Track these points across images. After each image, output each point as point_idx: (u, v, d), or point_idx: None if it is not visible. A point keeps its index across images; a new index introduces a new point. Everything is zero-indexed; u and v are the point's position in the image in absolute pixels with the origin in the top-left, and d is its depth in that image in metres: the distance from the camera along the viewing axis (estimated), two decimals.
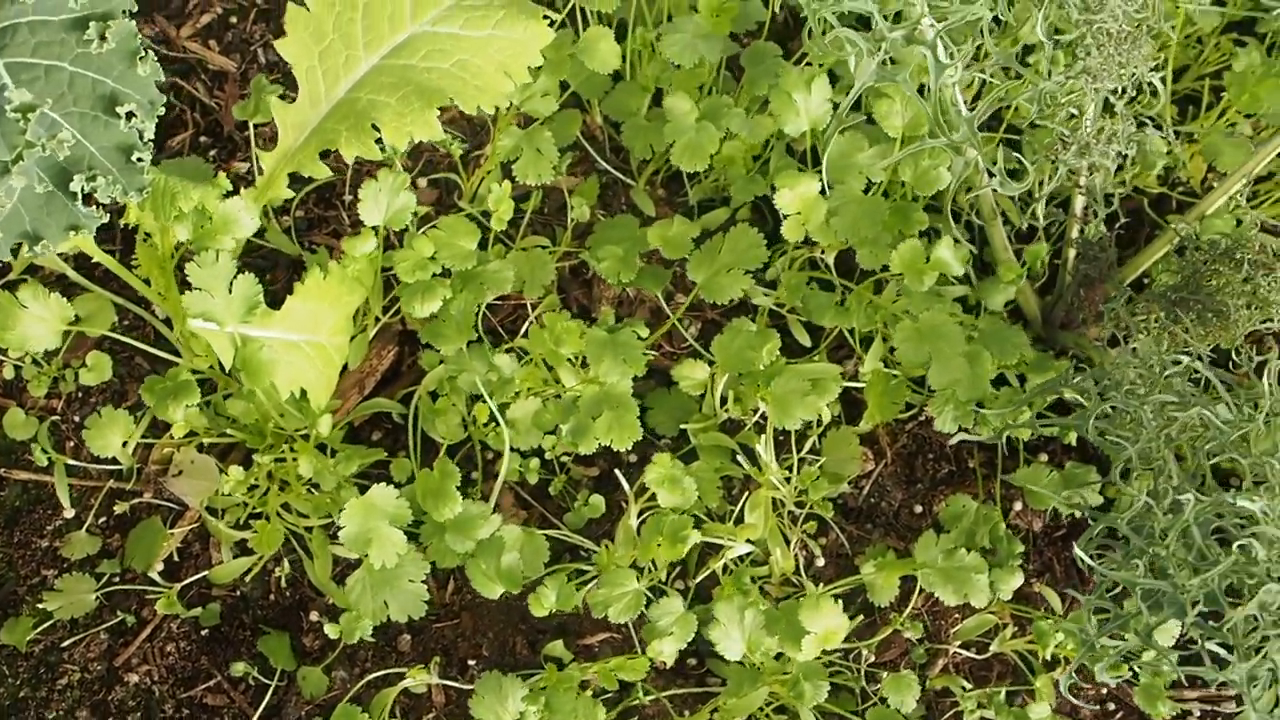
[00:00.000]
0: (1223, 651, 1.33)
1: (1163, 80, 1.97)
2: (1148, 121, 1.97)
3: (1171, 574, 1.33)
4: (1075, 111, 1.74)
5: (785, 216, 1.72)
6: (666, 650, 1.62)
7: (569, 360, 1.74)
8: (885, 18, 1.56)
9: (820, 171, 1.75)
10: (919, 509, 1.88)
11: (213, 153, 2.01)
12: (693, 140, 1.76)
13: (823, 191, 1.75)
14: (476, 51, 1.64)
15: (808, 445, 1.86)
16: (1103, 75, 1.71)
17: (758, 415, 1.78)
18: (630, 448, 1.72)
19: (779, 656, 1.66)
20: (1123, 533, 1.36)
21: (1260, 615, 1.34)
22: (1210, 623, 1.33)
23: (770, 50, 1.88)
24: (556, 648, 1.71)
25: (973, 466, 1.90)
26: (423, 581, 1.68)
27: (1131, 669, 1.70)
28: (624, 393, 1.66)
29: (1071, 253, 1.91)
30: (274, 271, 1.92)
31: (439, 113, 1.56)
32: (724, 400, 1.82)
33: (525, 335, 1.79)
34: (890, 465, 1.89)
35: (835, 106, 1.77)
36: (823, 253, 1.84)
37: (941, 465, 1.90)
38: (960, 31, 1.76)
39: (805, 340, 1.90)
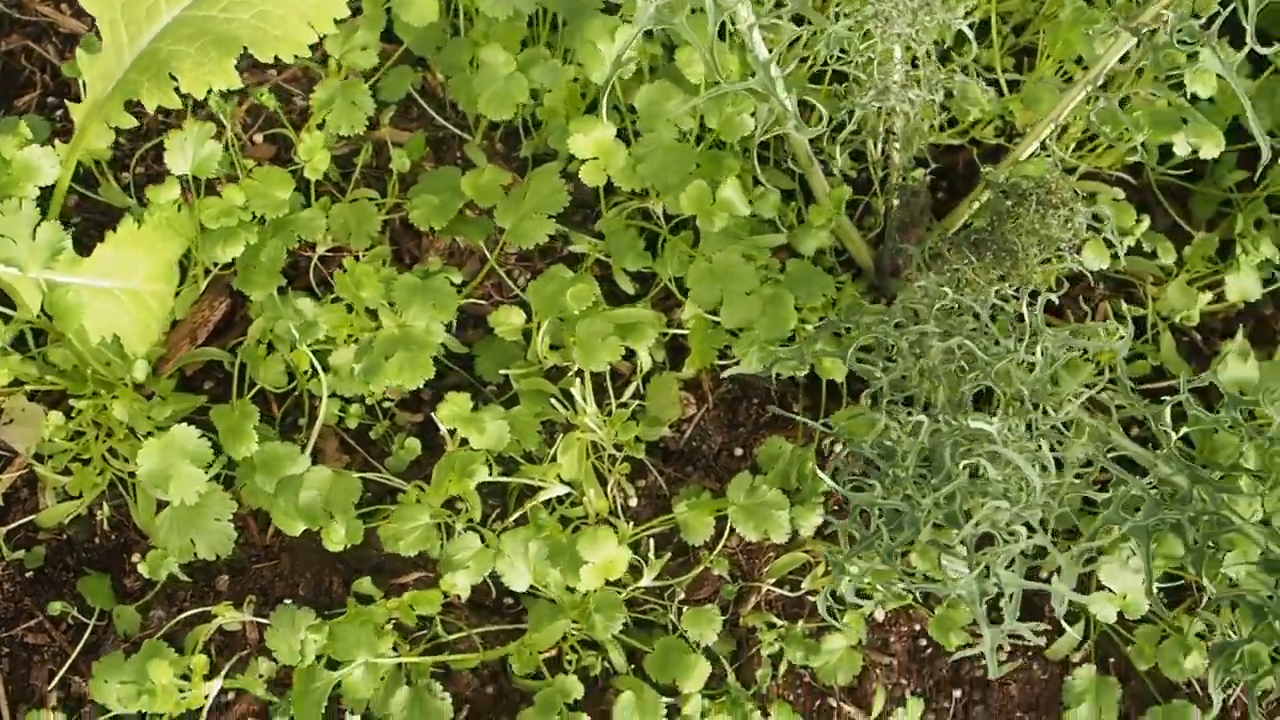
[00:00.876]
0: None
1: (975, 28, 2.00)
2: (969, 69, 2.00)
3: (910, 495, 1.36)
4: (873, 57, 1.77)
5: (583, 161, 1.75)
6: (460, 583, 1.65)
7: (387, 305, 1.78)
8: None
9: (635, 119, 1.79)
10: (739, 451, 1.91)
11: (59, 112, 2.05)
12: (500, 90, 1.79)
13: (625, 139, 1.78)
14: (279, 3, 1.68)
15: (630, 390, 1.89)
16: (896, 20, 1.74)
17: None
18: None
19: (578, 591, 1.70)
20: (867, 456, 1.40)
21: (998, 534, 1.37)
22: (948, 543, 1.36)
23: (592, 2, 1.91)
24: (364, 584, 1.75)
25: (797, 410, 1.93)
26: (234, 521, 1.72)
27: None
28: (420, 334, 1.70)
29: (895, 201, 1.94)
30: (112, 225, 1.96)
31: (275, 66, 1.58)
32: (554, 347, 1.86)
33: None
34: (713, 409, 1.92)
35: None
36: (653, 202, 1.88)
37: (765, 409, 1.93)
38: None
39: (631, 289, 1.93)
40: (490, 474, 1.70)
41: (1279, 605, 1.39)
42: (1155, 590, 1.61)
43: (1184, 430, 1.53)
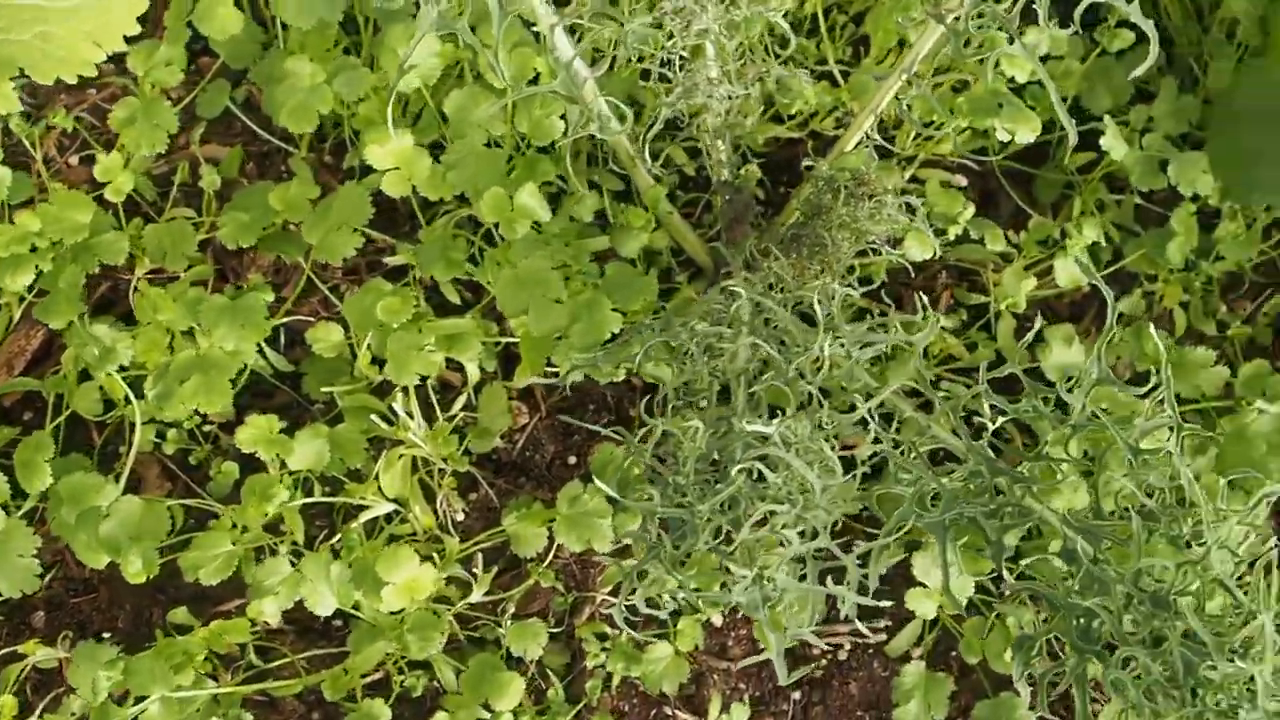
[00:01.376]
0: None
1: (808, 20, 1.98)
2: (798, 60, 1.98)
3: (689, 501, 1.33)
4: (683, 55, 1.74)
5: (383, 173, 1.71)
6: (268, 610, 1.62)
7: (198, 326, 1.74)
8: None
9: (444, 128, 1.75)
10: (573, 460, 1.88)
11: None
12: (302, 102, 1.75)
13: (442, 145, 1.75)
14: (61, 22, 1.64)
15: (460, 402, 1.86)
16: (700, 15, 1.71)
17: None
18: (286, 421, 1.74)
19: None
20: (649, 464, 1.37)
21: (783, 537, 1.34)
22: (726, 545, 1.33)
23: (406, 8, 1.87)
24: (179, 614, 1.71)
25: (633, 415, 1.90)
26: (52, 555, 1.68)
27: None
28: (220, 357, 1.66)
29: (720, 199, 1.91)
30: None
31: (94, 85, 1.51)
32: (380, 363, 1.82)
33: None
34: (546, 418, 1.89)
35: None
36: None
37: (601, 415, 1.90)
38: None
39: (458, 299, 1.90)
40: (299, 496, 1.67)
41: (1073, 595, 1.36)
42: (973, 584, 1.59)
43: (1001, 420, 1.51)
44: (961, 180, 2.08)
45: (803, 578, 1.34)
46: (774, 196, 2.06)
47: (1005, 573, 1.41)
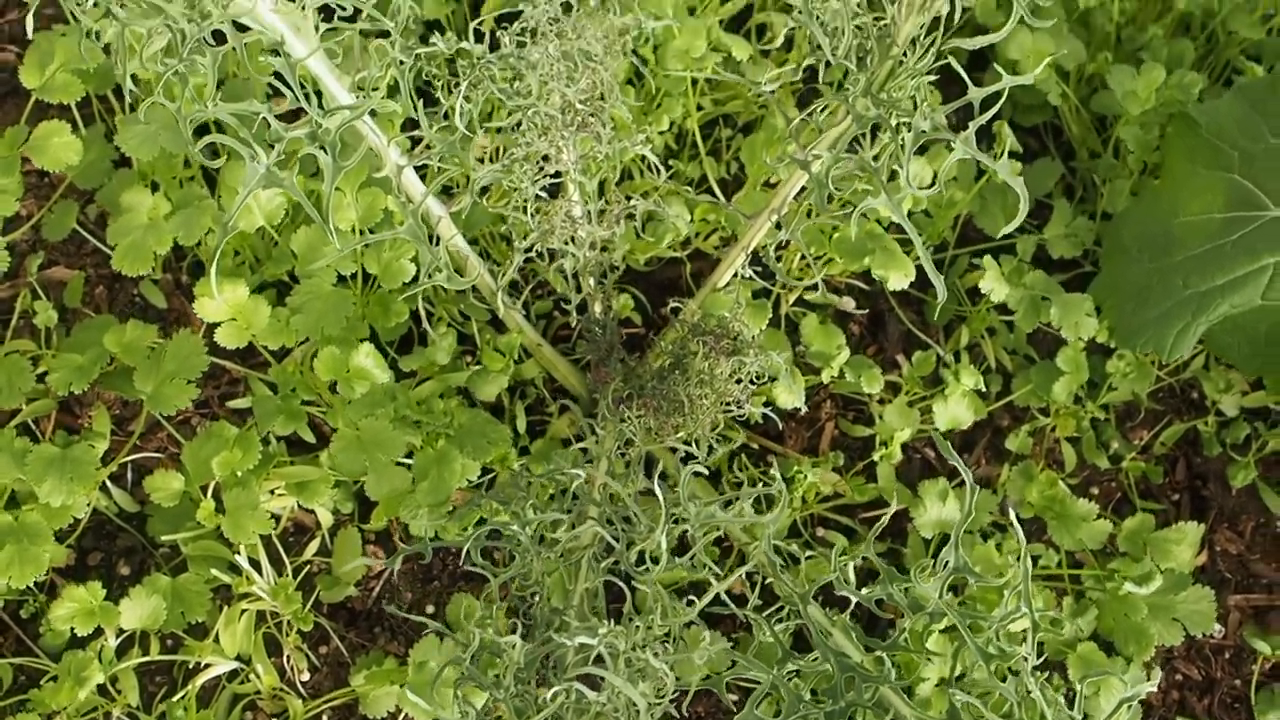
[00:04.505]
0: None
1: (689, 136, 1.90)
2: (674, 183, 1.90)
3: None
4: (542, 195, 1.65)
5: (216, 325, 1.62)
6: None
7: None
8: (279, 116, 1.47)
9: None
10: (431, 609, 1.79)
11: None
12: (136, 242, 1.66)
13: (290, 284, 1.66)
14: None
15: (314, 547, 1.78)
16: (552, 159, 1.63)
17: None
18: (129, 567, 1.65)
19: None
20: (465, 672, 1.28)
21: None
22: None
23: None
24: None
25: (498, 557, 1.82)
26: None
27: None
28: (36, 524, 1.56)
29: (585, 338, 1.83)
30: None
31: None
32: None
33: None
34: (404, 564, 1.81)
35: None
36: None
37: (459, 562, 1.82)
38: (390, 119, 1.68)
39: (314, 438, 1.81)
40: (134, 655, 1.58)
41: None
42: None
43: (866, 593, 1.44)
44: (849, 303, 2.01)
45: None
46: (653, 318, 1.98)
47: None
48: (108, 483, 1.77)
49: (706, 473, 1.77)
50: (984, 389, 1.81)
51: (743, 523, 1.42)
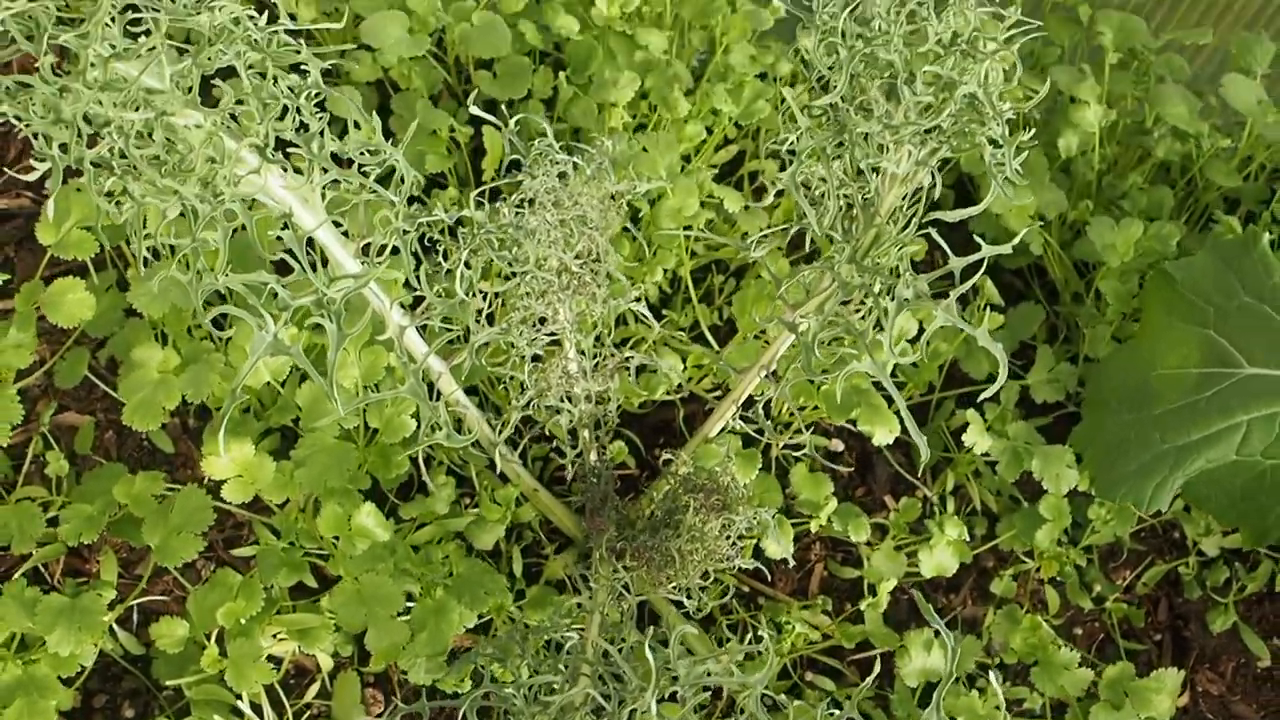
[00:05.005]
0: None
1: (682, 284, 1.96)
2: (665, 333, 1.96)
3: None
4: (539, 355, 1.71)
5: (222, 484, 1.68)
6: None
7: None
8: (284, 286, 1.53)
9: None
10: None
11: None
12: (146, 399, 1.72)
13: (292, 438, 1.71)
14: None
15: (314, 689, 1.81)
16: (550, 320, 1.69)
17: None
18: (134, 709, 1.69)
19: None
20: None
21: None
22: None
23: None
24: None
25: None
26: None
27: None
28: (43, 677, 1.61)
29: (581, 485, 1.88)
30: None
31: None
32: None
33: None
34: (409, 703, 1.84)
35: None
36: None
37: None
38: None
39: (316, 583, 1.85)
40: None
41: None
42: None
43: None
44: (838, 445, 2.06)
45: None
46: (647, 459, 2.03)
47: None
48: (114, 626, 1.81)
49: (698, 618, 1.81)
50: (969, 536, 1.85)
51: (733, 683, 1.46)
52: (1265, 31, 2.33)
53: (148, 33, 1.39)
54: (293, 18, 2.20)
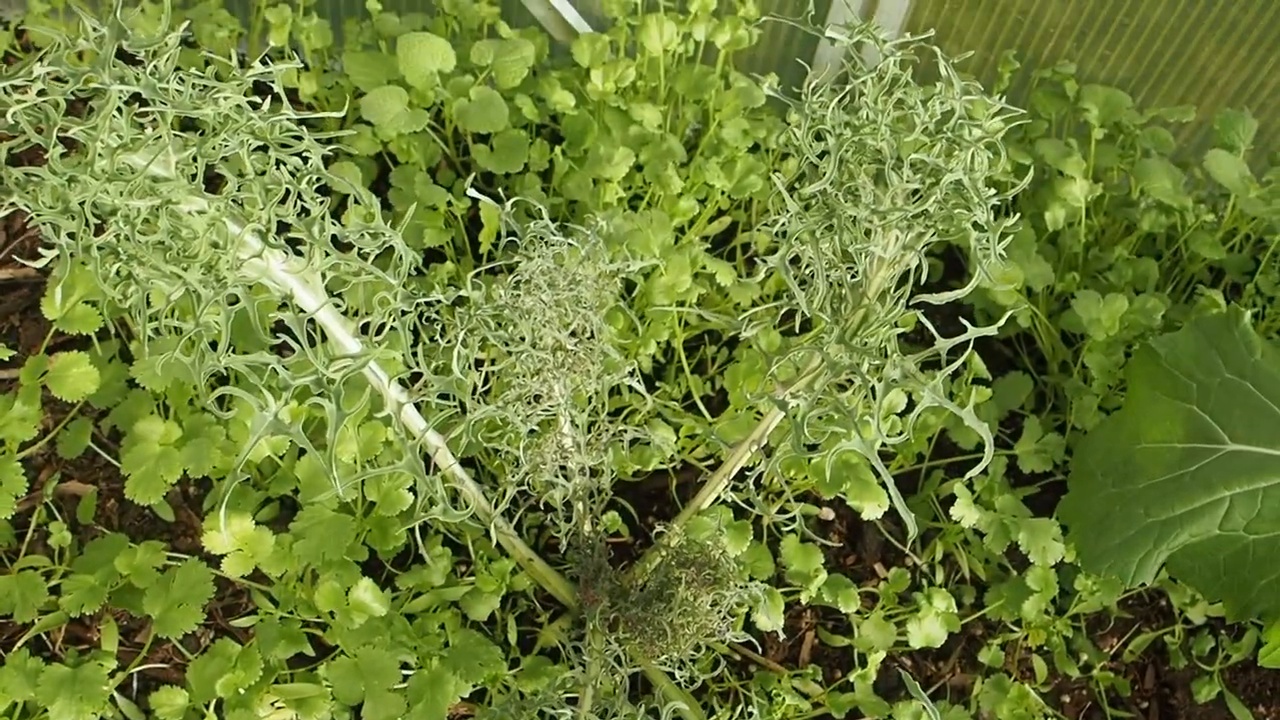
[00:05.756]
0: None
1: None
2: (659, 403, 1.99)
3: None
4: (535, 429, 1.75)
5: (222, 557, 1.70)
6: None
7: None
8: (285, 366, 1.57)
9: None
10: None
11: None
12: (149, 472, 1.75)
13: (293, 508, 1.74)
14: None
15: None
16: (547, 395, 1.73)
17: None
18: None
19: None
20: None
21: None
22: None
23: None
24: None
25: None
26: None
27: None
28: None
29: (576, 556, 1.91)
30: None
31: None
32: None
33: None
34: None
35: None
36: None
37: None
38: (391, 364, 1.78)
39: (311, 651, 1.88)
40: None
41: None
42: None
43: None
44: (829, 514, 2.09)
45: None
46: (640, 527, 2.06)
47: None
48: (115, 694, 1.84)
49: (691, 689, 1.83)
50: (956, 608, 1.88)
51: None
52: (1248, 107, 2.38)
53: (154, 123, 1.44)
54: (293, 92, 2.26)
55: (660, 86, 2.24)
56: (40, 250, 1.43)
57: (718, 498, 1.89)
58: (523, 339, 1.66)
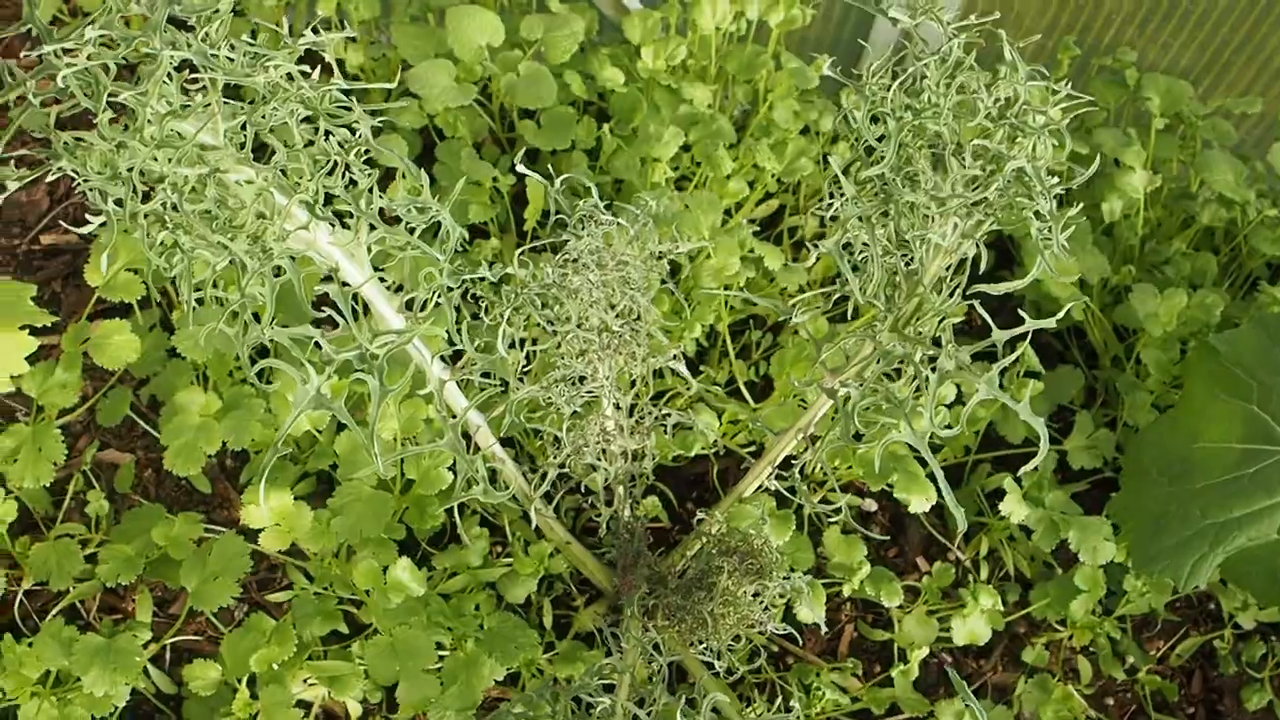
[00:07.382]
0: None
1: (720, 340, 1.96)
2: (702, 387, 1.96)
3: None
4: (578, 410, 1.72)
5: (259, 531, 1.69)
6: None
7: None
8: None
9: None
10: None
11: None
12: (188, 443, 1.73)
13: (331, 485, 1.72)
14: None
15: None
16: (593, 374, 1.70)
17: None
18: None
19: None
20: None
21: None
22: None
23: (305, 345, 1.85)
24: None
25: None
26: None
27: None
28: (79, 715, 1.62)
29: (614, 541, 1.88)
30: None
31: None
32: None
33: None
34: None
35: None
36: None
37: None
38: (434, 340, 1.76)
39: (345, 628, 1.86)
40: None
41: None
42: None
43: None
44: (872, 505, 2.06)
45: None
46: (680, 513, 2.03)
47: None
48: (148, 665, 1.82)
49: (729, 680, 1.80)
50: (1002, 606, 1.84)
51: None
52: None
53: (204, 90, 1.41)
54: (340, 63, 2.23)
55: (711, 65, 2.20)
56: (87, 216, 1.41)
57: (760, 485, 1.85)
58: (568, 319, 1.63)
